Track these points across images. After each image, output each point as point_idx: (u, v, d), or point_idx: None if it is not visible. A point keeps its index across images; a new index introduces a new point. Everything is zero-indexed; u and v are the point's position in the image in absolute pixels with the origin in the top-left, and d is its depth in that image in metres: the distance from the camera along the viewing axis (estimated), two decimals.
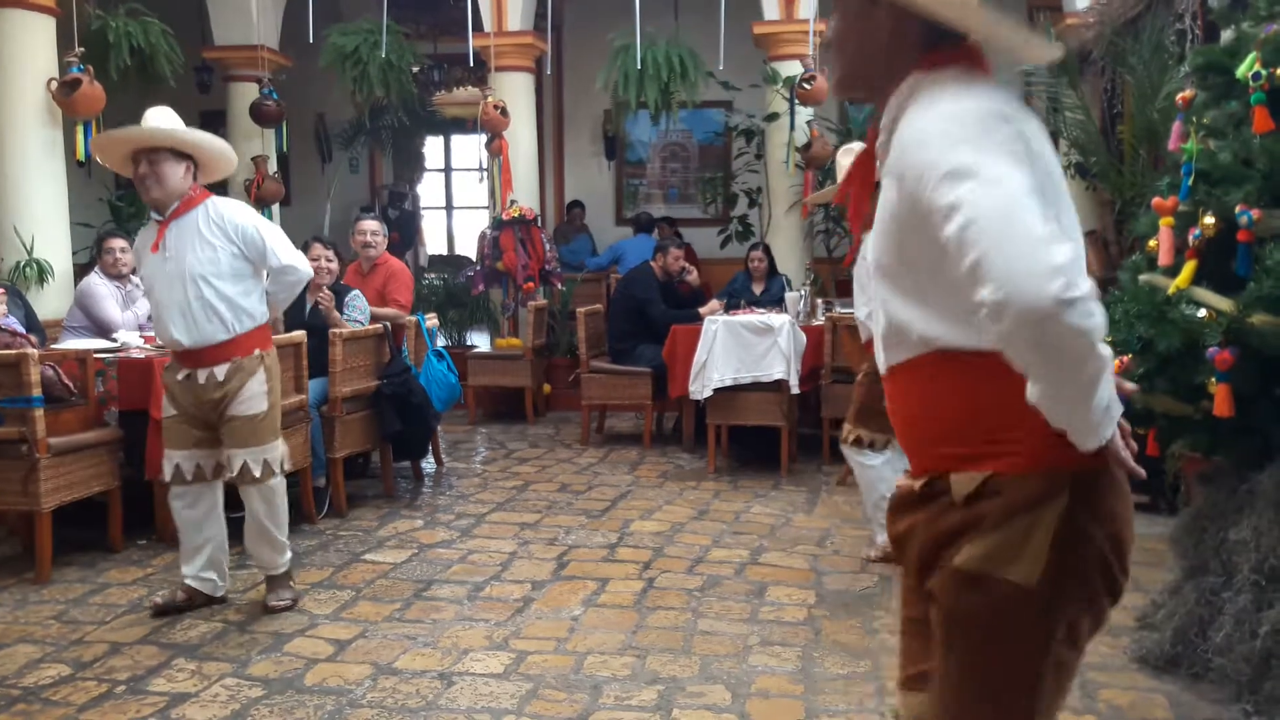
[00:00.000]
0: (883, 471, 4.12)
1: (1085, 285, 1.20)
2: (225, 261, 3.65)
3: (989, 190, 1.24)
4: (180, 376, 3.72)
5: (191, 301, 3.61)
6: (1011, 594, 1.32)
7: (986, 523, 1.33)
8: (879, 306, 1.50)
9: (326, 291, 5.21)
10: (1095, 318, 1.20)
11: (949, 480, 1.38)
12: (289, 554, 3.92)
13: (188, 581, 3.80)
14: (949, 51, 1.45)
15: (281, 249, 3.76)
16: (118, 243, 5.79)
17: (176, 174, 3.66)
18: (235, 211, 3.73)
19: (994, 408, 1.35)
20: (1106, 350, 1.24)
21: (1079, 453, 1.30)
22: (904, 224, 1.38)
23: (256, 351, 3.74)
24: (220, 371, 3.65)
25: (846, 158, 4.32)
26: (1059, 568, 1.32)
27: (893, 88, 1.47)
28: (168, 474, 3.78)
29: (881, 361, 1.52)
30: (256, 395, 3.71)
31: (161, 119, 3.73)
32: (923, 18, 1.42)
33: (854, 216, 1.60)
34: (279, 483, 3.81)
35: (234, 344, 3.67)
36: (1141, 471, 1.37)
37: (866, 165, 1.54)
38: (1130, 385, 1.43)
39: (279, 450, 3.81)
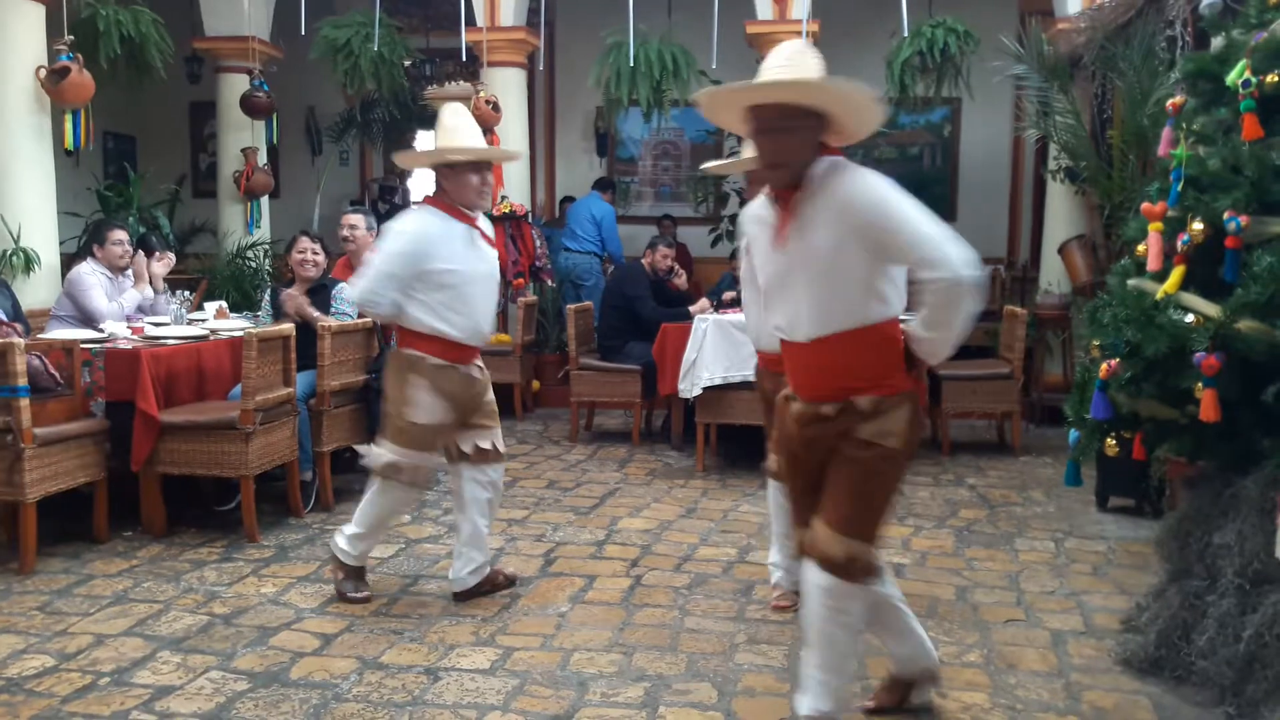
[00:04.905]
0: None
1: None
2: None
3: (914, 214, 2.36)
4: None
5: None
6: (887, 453, 2.49)
7: (877, 418, 2.50)
8: (809, 298, 2.47)
9: (292, 292, 5.20)
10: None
11: (855, 400, 2.50)
12: None
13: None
14: (828, 147, 2.50)
15: None
16: (123, 234, 5.75)
17: None
18: None
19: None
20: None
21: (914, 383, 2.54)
22: (846, 240, 2.40)
23: None
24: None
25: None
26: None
27: (809, 170, 2.46)
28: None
29: (803, 334, 2.51)
30: None
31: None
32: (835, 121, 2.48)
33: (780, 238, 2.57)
34: None
35: None
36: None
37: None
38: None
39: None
